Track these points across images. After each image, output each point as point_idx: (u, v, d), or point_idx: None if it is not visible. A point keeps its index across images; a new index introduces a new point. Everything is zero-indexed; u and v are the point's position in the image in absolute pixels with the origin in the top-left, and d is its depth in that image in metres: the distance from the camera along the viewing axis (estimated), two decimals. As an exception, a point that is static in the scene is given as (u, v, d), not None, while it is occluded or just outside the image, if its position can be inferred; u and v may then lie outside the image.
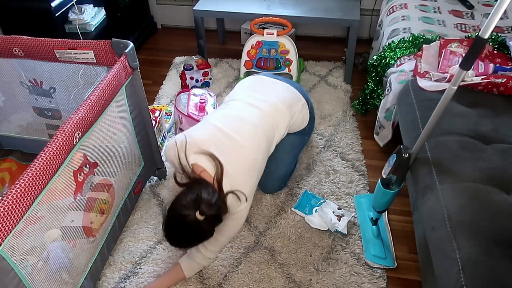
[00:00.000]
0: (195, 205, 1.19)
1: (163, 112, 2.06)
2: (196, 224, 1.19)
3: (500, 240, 1.04)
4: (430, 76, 1.66)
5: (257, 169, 1.37)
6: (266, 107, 1.52)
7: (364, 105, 2.15)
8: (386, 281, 1.46)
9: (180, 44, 2.98)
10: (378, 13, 2.66)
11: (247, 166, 1.34)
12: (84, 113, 1.15)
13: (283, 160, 1.70)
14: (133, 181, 1.62)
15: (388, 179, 1.36)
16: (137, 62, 1.42)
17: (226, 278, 1.48)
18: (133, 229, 1.65)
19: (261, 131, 1.44)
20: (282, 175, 1.74)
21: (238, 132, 1.37)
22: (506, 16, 2.11)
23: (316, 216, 1.66)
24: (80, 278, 1.31)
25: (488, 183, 1.19)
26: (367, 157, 1.96)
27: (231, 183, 1.27)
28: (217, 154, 1.28)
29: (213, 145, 1.31)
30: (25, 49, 1.44)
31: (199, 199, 1.20)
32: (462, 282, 0.98)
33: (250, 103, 1.52)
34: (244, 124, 1.42)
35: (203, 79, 2.44)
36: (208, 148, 1.29)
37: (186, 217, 1.19)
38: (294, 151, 1.73)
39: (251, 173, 1.34)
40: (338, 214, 1.65)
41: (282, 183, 1.78)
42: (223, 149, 1.31)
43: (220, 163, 1.27)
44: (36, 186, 0.98)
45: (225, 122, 1.42)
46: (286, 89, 1.65)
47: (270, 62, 2.32)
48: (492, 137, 1.37)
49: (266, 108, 1.51)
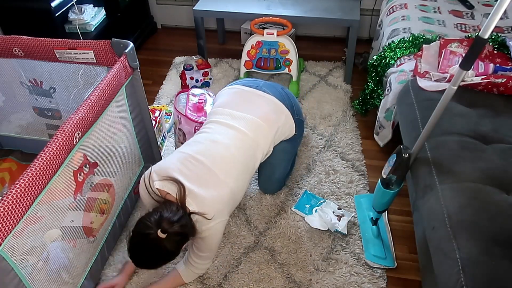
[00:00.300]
0: (157, 224, 1.19)
1: (163, 112, 2.06)
2: (159, 243, 1.19)
3: (500, 240, 1.04)
4: (430, 76, 1.66)
5: (228, 188, 1.36)
6: (244, 126, 1.48)
7: (364, 105, 2.15)
8: (386, 281, 1.46)
9: (180, 44, 2.98)
10: (378, 13, 2.66)
11: (215, 185, 1.33)
12: (84, 113, 1.15)
13: (277, 165, 1.70)
14: (133, 181, 1.62)
15: (388, 179, 1.36)
16: (137, 62, 1.42)
17: (226, 278, 1.48)
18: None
19: (235, 150, 1.43)
20: (278, 178, 1.75)
21: (206, 155, 1.38)
22: (506, 16, 2.11)
23: (316, 216, 1.66)
24: (80, 278, 1.31)
25: (488, 183, 1.19)
26: (367, 157, 1.96)
27: (197, 202, 1.28)
28: (179, 177, 1.29)
29: (177, 169, 1.32)
30: (25, 49, 1.44)
31: (161, 217, 1.21)
32: (462, 282, 0.98)
33: (227, 124, 1.49)
34: (215, 146, 1.42)
35: (203, 79, 2.44)
36: (171, 173, 1.31)
37: (148, 235, 1.19)
38: (286, 156, 1.73)
39: (220, 191, 1.34)
40: (338, 214, 1.65)
41: (280, 184, 1.79)
42: (187, 172, 1.32)
43: (182, 184, 1.27)
44: (36, 186, 0.98)
45: (195, 147, 1.42)
46: (268, 102, 1.60)
47: (270, 62, 2.32)
48: (492, 137, 1.37)
49: (244, 128, 1.48)
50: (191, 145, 1.43)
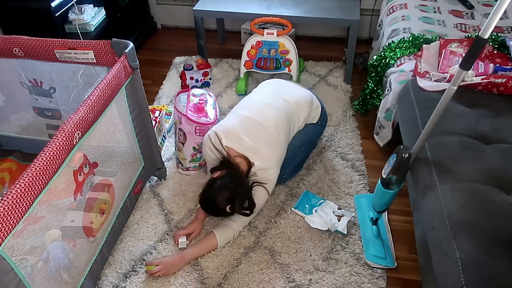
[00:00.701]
0: (228, 202, 1.49)
1: (163, 112, 2.06)
2: (225, 211, 1.52)
3: (500, 240, 1.04)
4: (430, 76, 1.66)
5: (280, 145, 1.65)
6: (290, 99, 1.77)
7: (364, 105, 2.15)
8: (386, 281, 1.46)
9: (180, 44, 2.98)
10: (378, 13, 2.66)
11: (271, 143, 1.62)
12: (84, 113, 1.15)
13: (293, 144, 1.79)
14: (133, 181, 1.62)
15: (388, 179, 1.36)
16: (137, 62, 1.42)
17: (226, 278, 1.48)
18: (133, 229, 1.65)
19: (284, 116, 1.69)
20: (289, 157, 1.75)
21: (262, 116, 1.66)
22: (506, 16, 2.11)
23: (316, 216, 1.66)
24: (80, 278, 1.31)
25: (488, 183, 1.19)
26: (367, 157, 1.96)
27: (259, 157, 1.57)
28: (242, 136, 1.58)
29: (239, 130, 1.61)
30: (25, 49, 1.44)
31: (232, 198, 1.49)
32: (462, 282, 0.98)
33: (276, 95, 1.78)
34: (268, 109, 1.69)
35: (203, 79, 2.44)
36: (236, 133, 1.60)
37: (218, 205, 1.50)
38: (304, 137, 1.83)
39: (275, 147, 1.63)
40: (338, 214, 1.65)
41: (288, 167, 1.77)
42: (247, 131, 1.60)
43: (247, 144, 1.57)
44: (36, 186, 0.98)
45: (249, 109, 1.71)
46: (305, 91, 1.88)
47: (270, 62, 2.32)
48: (492, 137, 1.37)
49: (290, 100, 1.76)
50: (246, 108, 1.73)
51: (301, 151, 1.82)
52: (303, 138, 1.82)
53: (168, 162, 1.96)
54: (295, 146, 1.78)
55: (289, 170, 1.78)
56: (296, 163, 1.82)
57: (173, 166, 1.93)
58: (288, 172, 1.79)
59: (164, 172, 1.86)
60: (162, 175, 1.86)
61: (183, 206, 1.75)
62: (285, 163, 1.73)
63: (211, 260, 1.53)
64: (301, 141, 1.81)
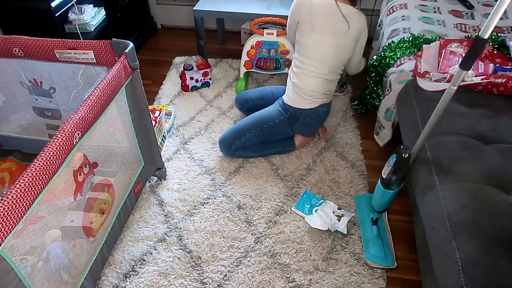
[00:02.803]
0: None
1: (163, 112, 2.06)
2: None
3: (500, 240, 1.04)
4: (430, 76, 1.66)
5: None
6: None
7: (364, 105, 2.15)
8: (386, 281, 1.46)
9: (180, 44, 2.98)
10: (378, 13, 2.66)
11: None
12: (84, 113, 1.15)
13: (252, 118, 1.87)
14: (133, 181, 1.62)
15: (388, 179, 1.36)
16: (137, 62, 1.42)
17: (226, 278, 1.48)
18: (133, 229, 1.65)
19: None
20: (242, 128, 1.85)
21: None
22: (506, 16, 2.11)
23: (316, 216, 1.66)
24: (80, 278, 1.31)
25: (488, 183, 1.19)
26: (367, 157, 1.96)
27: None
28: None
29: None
30: (25, 49, 1.44)
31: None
32: (462, 282, 0.98)
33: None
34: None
35: (203, 79, 2.44)
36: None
37: None
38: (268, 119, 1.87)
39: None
40: (338, 214, 1.65)
41: (237, 139, 1.87)
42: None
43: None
44: (36, 186, 0.98)
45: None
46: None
47: (270, 62, 2.32)
48: (492, 137, 1.37)
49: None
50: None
51: (256, 130, 1.87)
52: (263, 118, 1.87)
53: (168, 162, 1.96)
54: (252, 121, 1.86)
55: (238, 143, 1.87)
56: (247, 141, 1.88)
57: (173, 166, 1.94)
58: (238, 146, 1.88)
59: (164, 172, 1.86)
60: (162, 175, 1.86)
61: (183, 206, 1.75)
62: (235, 134, 1.85)
63: (211, 260, 1.53)
64: (260, 118, 1.87)
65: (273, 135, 1.92)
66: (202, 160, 1.96)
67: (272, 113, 1.89)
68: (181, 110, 2.30)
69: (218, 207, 1.73)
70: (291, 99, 1.85)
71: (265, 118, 1.88)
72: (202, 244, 1.59)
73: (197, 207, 1.73)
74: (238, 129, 1.88)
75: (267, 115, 1.89)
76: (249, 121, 1.89)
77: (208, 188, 1.82)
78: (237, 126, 1.90)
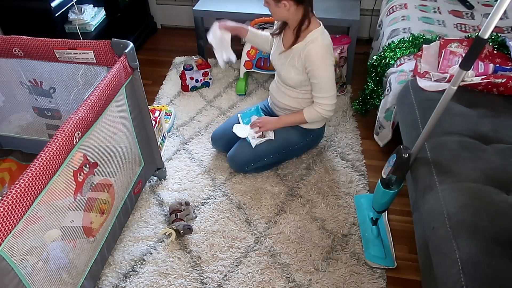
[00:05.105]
0: None
1: (163, 112, 2.06)
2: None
3: (500, 240, 1.04)
4: (430, 76, 1.66)
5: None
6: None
7: (364, 105, 2.15)
8: (386, 281, 1.46)
9: (180, 44, 2.98)
10: (378, 13, 2.66)
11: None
12: (84, 113, 1.15)
13: (271, 145, 1.81)
14: (133, 181, 1.62)
15: (388, 179, 1.36)
16: (137, 62, 1.42)
17: (226, 278, 1.48)
18: (133, 229, 1.65)
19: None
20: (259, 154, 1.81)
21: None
22: (506, 16, 2.11)
23: (244, 126, 1.83)
24: (80, 278, 1.31)
25: (488, 183, 1.19)
26: (367, 157, 1.96)
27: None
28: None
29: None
30: (25, 49, 1.44)
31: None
32: (462, 282, 0.98)
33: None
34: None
35: (203, 79, 2.44)
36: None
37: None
38: (285, 144, 1.83)
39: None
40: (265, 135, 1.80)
41: (254, 162, 1.83)
42: None
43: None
44: (36, 186, 0.98)
45: None
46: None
47: (270, 62, 2.31)
48: (492, 137, 1.37)
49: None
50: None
51: (274, 155, 1.83)
52: (284, 144, 1.82)
53: (168, 162, 1.96)
54: (273, 147, 1.80)
55: (254, 166, 1.83)
56: (263, 164, 1.85)
57: (173, 166, 1.94)
58: (253, 167, 1.84)
59: (164, 172, 1.86)
60: (162, 175, 1.86)
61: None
62: (253, 158, 1.79)
63: (211, 260, 1.53)
64: (280, 145, 1.81)
65: (291, 156, 1.94)
66: (202, 160, 1.96)
67: (291, 137, 1.82)
68: (181, 110, 2.30)
69: (218, 207, 1.73)
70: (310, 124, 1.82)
71: (284, 144, 1.82)
72: (202, 244, 1.59)
73: (197, 207, 1.73)
74: (256, 155, 1.79)
75: (286, 141, 1.82)
76: (268, 147, 1.81)
77: (208, 188, 1.82)
78: (255, 151, 1.79)
